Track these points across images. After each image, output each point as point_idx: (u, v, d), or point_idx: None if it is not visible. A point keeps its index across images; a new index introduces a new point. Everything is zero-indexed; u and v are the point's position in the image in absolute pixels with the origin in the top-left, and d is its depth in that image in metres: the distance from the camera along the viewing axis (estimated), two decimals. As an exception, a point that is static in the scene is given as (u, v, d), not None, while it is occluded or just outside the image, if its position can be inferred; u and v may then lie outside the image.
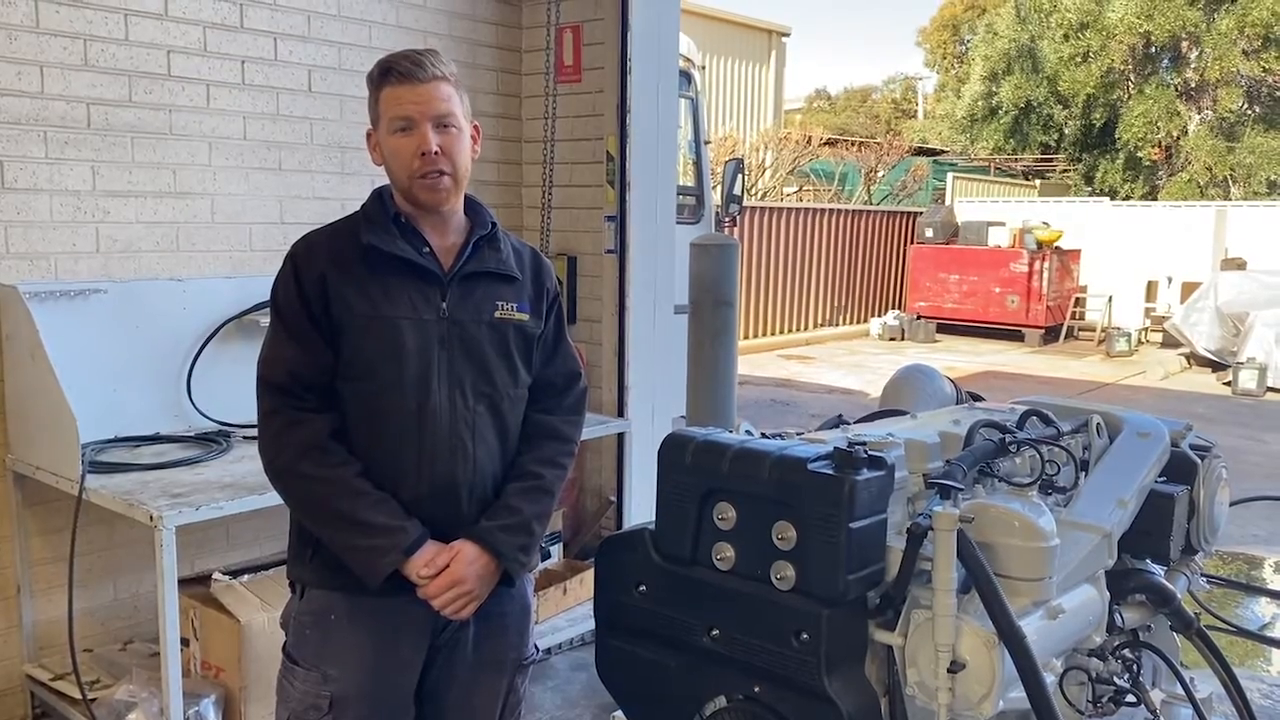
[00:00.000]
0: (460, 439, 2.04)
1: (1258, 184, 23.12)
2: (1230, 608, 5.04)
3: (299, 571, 2.11)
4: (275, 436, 2.00)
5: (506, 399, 2.12)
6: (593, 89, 4.63)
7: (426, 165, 2.00)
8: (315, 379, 2.01)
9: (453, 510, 2.05)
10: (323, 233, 2.11)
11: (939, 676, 1.68)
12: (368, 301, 2.00)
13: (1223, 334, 13.31)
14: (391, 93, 2.01)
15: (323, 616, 2.06)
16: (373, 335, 2.00)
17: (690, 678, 1.87)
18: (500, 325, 2.10)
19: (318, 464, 1.97)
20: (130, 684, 3.17)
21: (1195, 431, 2.53)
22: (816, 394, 11.55)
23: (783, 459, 1.76)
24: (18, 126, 3.39)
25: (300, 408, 2.00)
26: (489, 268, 2.11)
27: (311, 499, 2.00)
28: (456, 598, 2.00)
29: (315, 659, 2.05)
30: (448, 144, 2.02)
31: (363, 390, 2.02)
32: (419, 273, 2.04)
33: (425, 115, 2.00)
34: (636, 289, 4.57)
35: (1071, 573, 1.92)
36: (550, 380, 2.22)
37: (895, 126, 33.22)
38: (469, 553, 2.01)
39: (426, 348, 2.02)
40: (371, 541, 1.95)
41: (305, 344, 2.00)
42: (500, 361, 2.10)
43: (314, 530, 2.03)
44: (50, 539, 3.50)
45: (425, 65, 2.01)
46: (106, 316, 3.48)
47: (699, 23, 17.60)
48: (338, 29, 4.19)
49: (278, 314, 2.05)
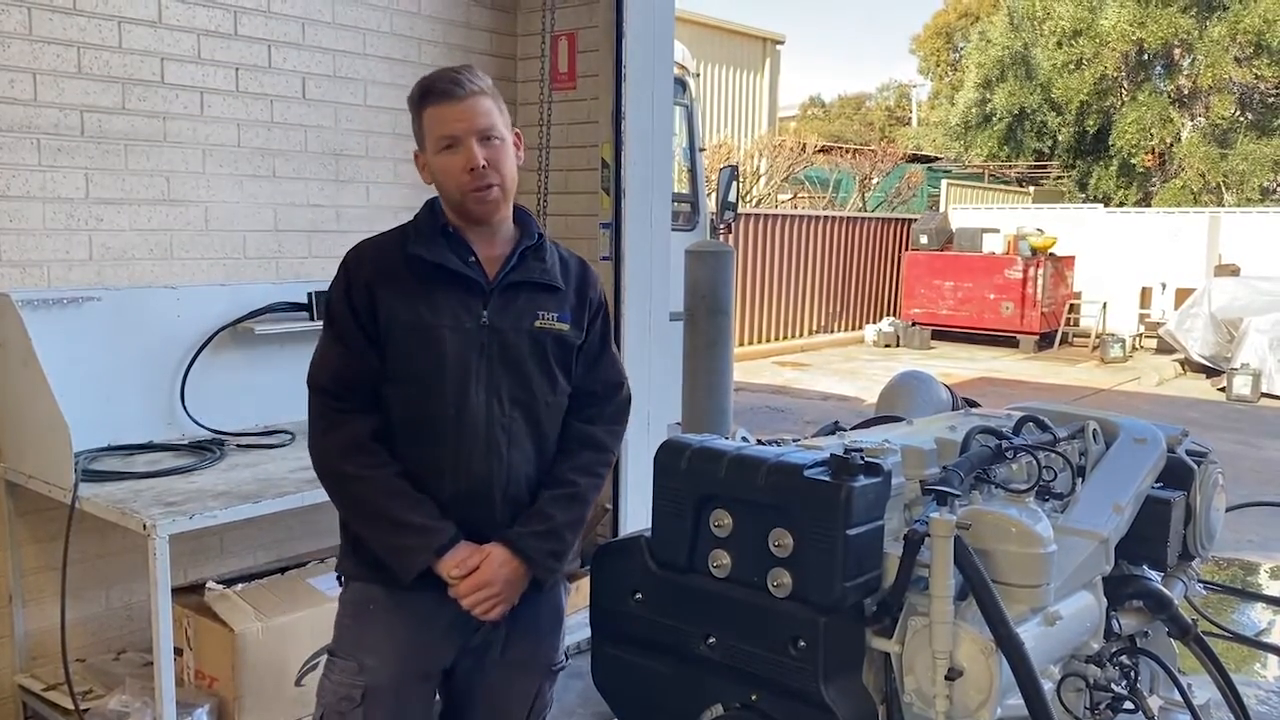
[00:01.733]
0: (495, 442, 2.11)
1: (1250, 190, 23.21)
2: (1226, 613, 5.04)
3: (345, 564, 2.20)
4: (320, 436, 2.11)
5: (543, 406, 2.18)
6: (588, 96, 4.63)
7: (476, 180, 2.07)
8: (358, 381, 2.09)
9: (486, 511, 2.12)
10: (373, 242, 2.19)
11: (936, 684, 1.67)
12: (412, 310, 2.08)
13: (1217, 340, 13.34)
14: (434, 112, 2.08)
15: (362, 607, 2.15)
16: (416, 342, 2.08)
17: (687, 686, 1.86)
18: (539, 334, 2.16)
19: (359, 464, 2.06)
20: (123, 694, 3.16)
21: (1191, 437, 2.53)
22: (811, 400, 11.55)
23: (779, 466, 1.75)
24: (10, 134, 3.38)
25: (342, 409, 2.09)
26: (532, 278, 2.17)
27: (354, 497, 2.09)
28: (484, 599, 2.06)
29: (353, 648, 2.13)
30: (494, 157, 2.08)
31: (404, 394, 2.10)
32: (462, 282, 2.11)
33: (469, 131, 2.06)
34: (632, 296, 4.56)
35: (1069, 579, 1.91)
36: (590, 389, 2.27)
37: (889, 133, 33.30)
38: (499, 556, 2.08)
39: (466, 354, 2.10)
40: (405, 540, 2.04)
41: (350, 348, 2.09)
42: (538, 369, 2.16)
43: (355, 527, 2.12)
44: (43, 548, 3.48)
45: (463, 82, 2.08)
46: (100, 324, 3.47)
47: (694, 30, 17.64)
48: (332, 36, 4.19)
49: (329, 318, 2.15)
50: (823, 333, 16.81)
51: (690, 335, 3.99)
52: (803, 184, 20.43)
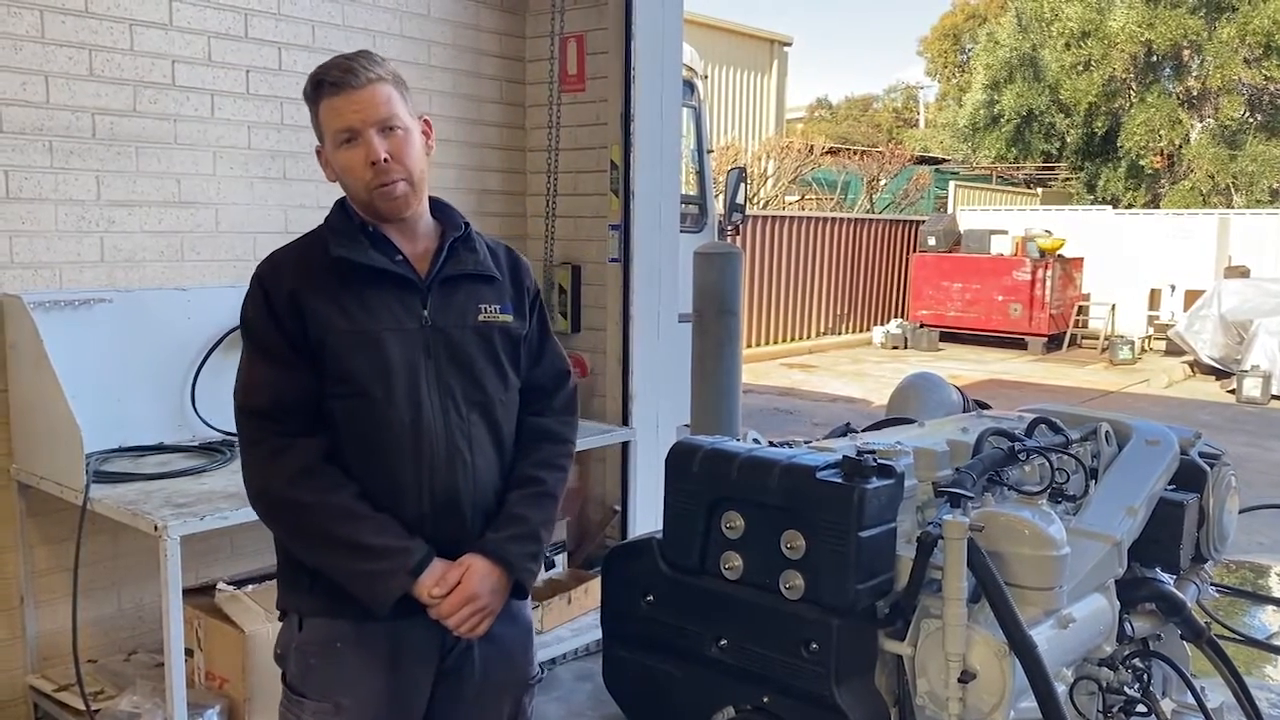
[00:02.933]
0: (459, 451, 1.98)
1: (1260, 192, 23.12)
2: (1237, 616, 5.02)
3: (295, 601, 2.02)
4: (264, 465, 1.92)
5: (499, 405, 2.05)
6: (597, 98, 4.63)
7: (380, 175, 1.93)
8: (299, 402, 1.92)
9: (457, 525, 1.99)
10: (288, 249, 2.03)
11: (949, 686, 1.67)
12: (345, 316, 1.93)
13: (1226, 342, 13.29)
14: (329, 104, 1.94)
15: (328, 646, 1.97)
16: (356, 351, 1.93)
17: (698, 688, 1.86)
18: (485, 329, 2.04)
19: (312, 490, 1.89)
20: (134, 695, 3.17)
21: (1204, 439, 2.52)
22: (819, 402, 11.53)
23: (791, 468, 1.75)
24: (23, 136, 3.39)
25: (286, 432, 1.91)
26: (467, 269, 2.04)
27: (308, 527, 1.91)
28: (471, 615, 1.93)
29: (325, 690, 1.97)
30: (396, 148, 1.94)
31: (352, 408, 1.94)
32: (396, 281, 1.97)
33: (367, 122, 1.92)
34: (640, 297, 4.56)
35: (1081, 581, 1.91)
36: (539, 382, 2.16)
37: (897, 135, 33.26)
38: (480, 567, 1.95)
39: (412, 358, 1.96)
40: (376, 566, 1.88)
41: (284, 366, 1.93)
42: (489, 366, 2.04)
43: (311, 559, 1.94)
44: (54, 549, 3.49)
45: (358, 70, 1.93)
46: (111, 326, 3.48)
47: (702, 32, 17.63)
48: (341, 39, 4.20)
49: (251, 338, 1.98)
50: (830, 334, 16.79)
51: (699, 337, 4.00)
52: (810, 186, 20.40)
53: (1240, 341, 12.89)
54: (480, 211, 4.74)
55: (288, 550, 2.00)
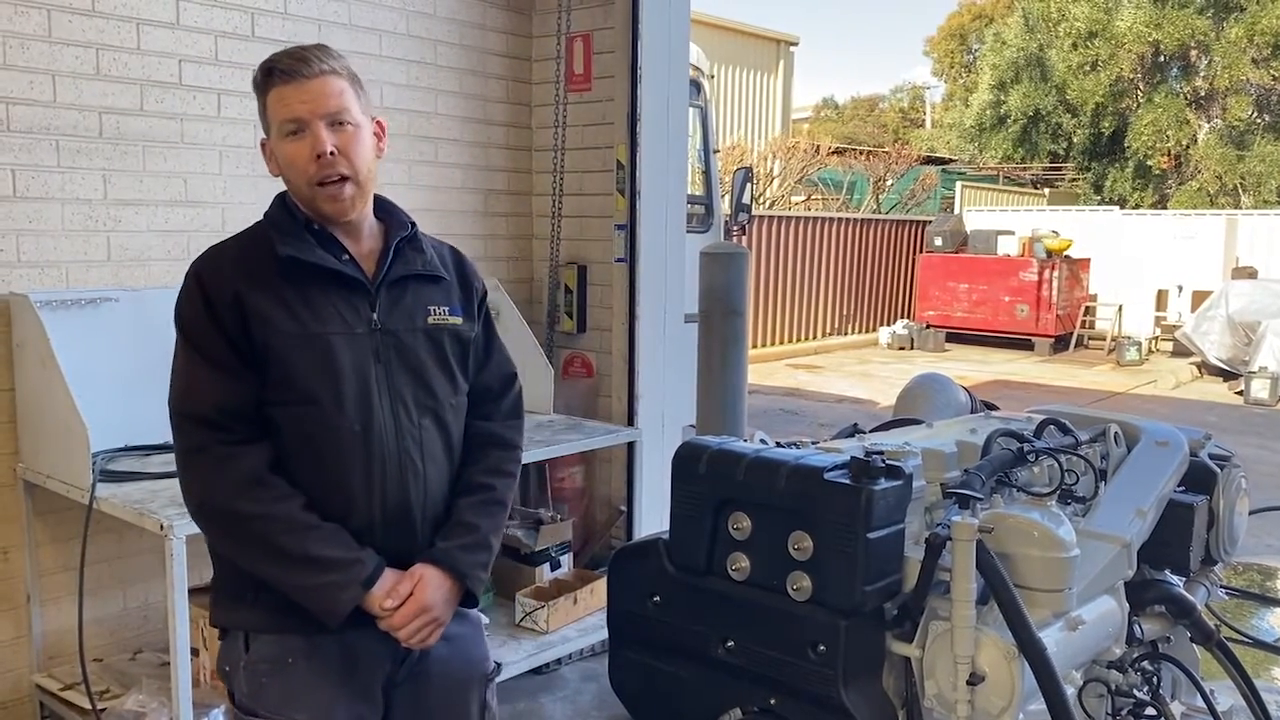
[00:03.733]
0: (410, 458, 1.92)
1: (1268, 192, 23.05)
2: (1244, 618, 5.00)
3: (238, 617, 1.94)
4: (206, 475, 1.84)
5: (450, 410, 2.00)
6: (603, 97, 4.63)
7: (324, 169, 1.85)
8: (242, 408, 1.84)
9: (408, 535, 1.94)
10: (228, 246, 1.95)
11: (958, 689, 1.66)
12: (293, 319, 1.85)
13: (1234, 343, 13.25)
14: (278, 94, 1.86)
15: (279, 663, 1.90)
16: (304, 354, 1.85)
17: (705, 690, 1.85)
18: (434, 332, 1.98)
19: (258, 500, 1.81)
20: (140, 694, 3.16)
21: (1214, 441, 2.51)
22: (825, 403, 11.52)
23: (798, 468, 1.74)
24: (30, 135, 3.39)
25: (230, 441, 1.83)
26: (415, 270, 1.99)
27: (253, 539, 1.82)
28: (423, 626, 1.89)
29: (279, 706, 1.89)
30: (344, 143, 1.87)
31: (299, 415, 1.86)
32: (344, 282, 1.90)
33: (315, 114, 1.85)
34: (646, 297, 4.56)
35: (1091, 584, 1.90)
36: (487, 385, 2.11)
37: (903, 135, 33.20)
38: (432, 578, 1.90)
39: (362, 363, 1.89)
40: (327, 578, 1.82)
41: (226, 370, 1.84)
42: (439, 370, 1.98)
43: (257, 572, 1.86)
44: (60, 548, 3.50)
45: (311, 60, 1.87)
46: (117, 325, 3.48)
47: (708, 32, 17.63)
48: (347, 38, 4.20)
49: (188, 339, 1.89)
50: (836, 335, 16.77)
51: (705, 337, 3.98)
52: (816, 186, 20.39)
53: (1248, 343, 12.85)
54: (486, 211, 4.74)
55: (230, 563, 1.92)
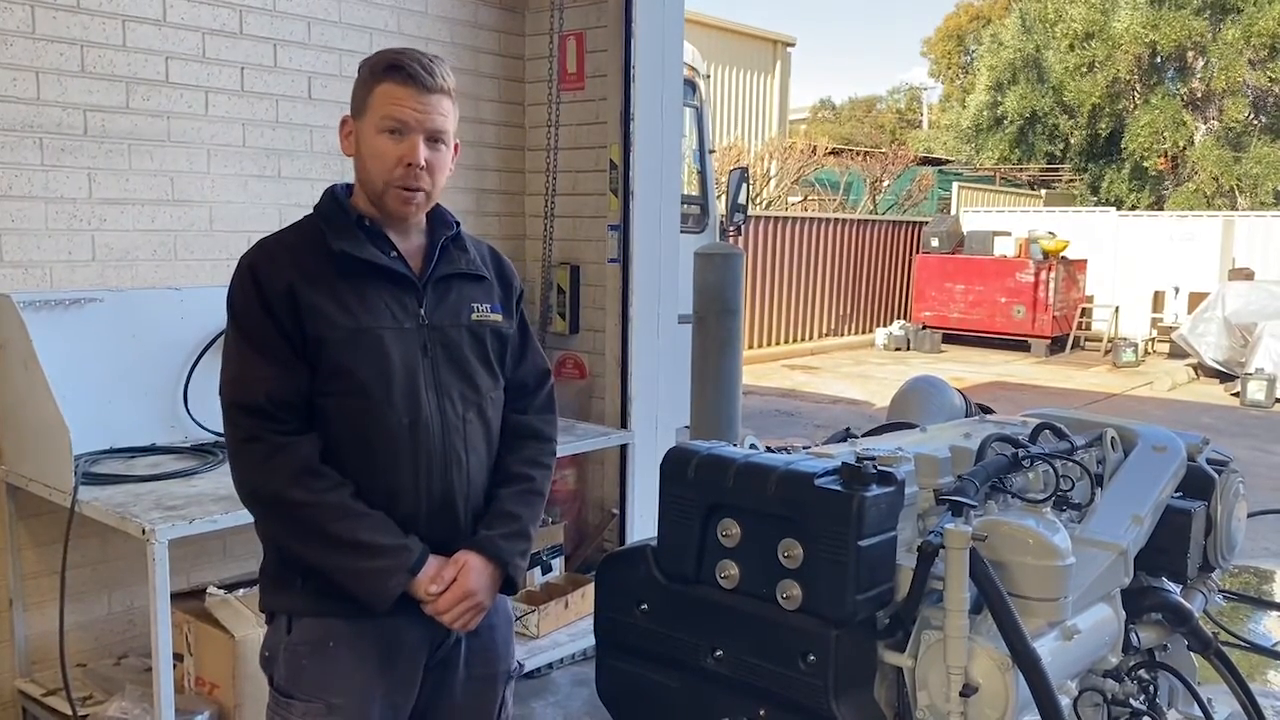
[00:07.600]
0: (455, 451, 2.00)
1: (1264, 194, 23.08)
2: (1240, 622, 4.97)
3: (285, 601, 2.00)
4: (259, 464, 1.89)
5: (490, 403, 2.08)
6: (596, 97, 4.60)
7: (409, 178, 1.93)
8: (293, 398, 1.90)
9: (451, 524, 2.01)
10: (281, 238, 2.00)
11: (950, 700, 1.62)
12: (346, 313, 1.91)
13: (1230, 345, 13.24)
14: (391, 90, 1.92)
15: (320, 645, 1.95)
16: (356, 348, 1.91)
17: (693, 700, 1.81)
18: (478, 328, 2.06)
19: (310, 489, 1.87)
20: (123, 700, 3.13)
21: (1212, 445, 2.47)
22: (821, 404, 11.49)
23: (789, 474, 1.70)
24: (13, 133, 3.35)
25: (282, 431, 1.89)
26: (459, 269, 2.06)
27: (307, 524, 1.88)
28: (466, 610, 1.96)
29: (316, 690, 1.95)
30: (434, 161, 1.96)
31: (349, 407, 1.92)
32: (393, 278, 1.97)
33: (422, 125, 1.93)
34: (640, 298, 4.52)
35: (1087, 592, 1.87)
36: (523, 380, 2.18)
37: (900, 136, 33.22)
38: (476, 564, 1.98)
39: (410, 357, 1.96)
40: (376, 563, 1.89)
41: (279, 362, 1.89)
42: (481, 365, 2.06)
43: (307, 557, 1.92)
44: (43, 551, 3.45)
45: (436, 74, 1.95)
46: (102, 326, 3.44)
47: (704, 32, 17.61)
48: (338, 35, 4.16)
49: (241, 330, 1.93)
50: (832, 336, 16.75)
51: (699, 338, 3.96)
52: (813, 186, 20.36)
53: (1244, 344, 12.84)
54: (478, 211, 4.70)
55: (278, 549, 1.99)
